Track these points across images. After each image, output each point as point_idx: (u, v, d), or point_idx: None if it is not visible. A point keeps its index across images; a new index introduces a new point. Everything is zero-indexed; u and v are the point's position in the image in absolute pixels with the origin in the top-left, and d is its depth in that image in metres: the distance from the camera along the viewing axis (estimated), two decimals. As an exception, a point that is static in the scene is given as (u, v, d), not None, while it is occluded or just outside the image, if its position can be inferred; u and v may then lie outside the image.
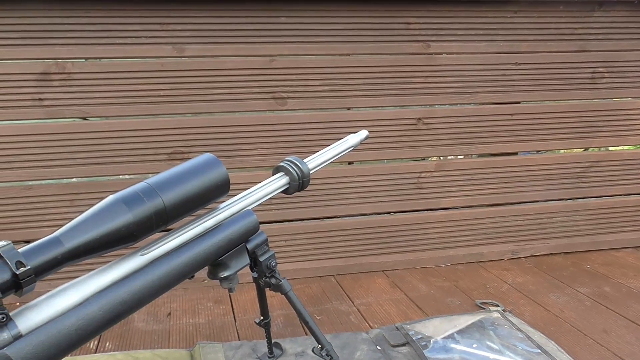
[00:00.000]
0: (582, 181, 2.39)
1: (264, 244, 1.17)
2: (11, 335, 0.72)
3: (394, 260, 2.26)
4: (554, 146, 2.35)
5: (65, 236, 0.79)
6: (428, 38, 2.10)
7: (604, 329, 1.76)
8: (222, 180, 1.02)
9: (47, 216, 1.91)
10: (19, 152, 1.84)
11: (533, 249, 2.40)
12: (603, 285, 2.09)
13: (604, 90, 2.31)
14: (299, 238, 2.16)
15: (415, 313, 1.87)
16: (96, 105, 1.87)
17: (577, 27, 2.22)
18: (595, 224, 2.45)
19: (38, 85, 1.81)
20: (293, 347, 1.59)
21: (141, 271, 0.89)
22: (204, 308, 1.91)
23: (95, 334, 0.82)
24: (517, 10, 2.14)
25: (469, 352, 1.57)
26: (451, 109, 2.20)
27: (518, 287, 2.07)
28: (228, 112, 1.99)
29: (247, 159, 2.03)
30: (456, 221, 2.30)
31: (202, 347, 1.57)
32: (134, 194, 0.88)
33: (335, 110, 2.10)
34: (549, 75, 2.25)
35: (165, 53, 1.90)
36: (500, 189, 2.32)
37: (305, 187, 1.21)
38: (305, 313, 1.23)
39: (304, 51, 2.02)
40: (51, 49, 1.81)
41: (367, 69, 2.08)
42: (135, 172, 1.96)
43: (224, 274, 1.08)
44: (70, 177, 1.92)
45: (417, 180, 2.22)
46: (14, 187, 1.87)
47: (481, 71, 2.18)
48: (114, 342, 1.67)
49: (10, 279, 0.71)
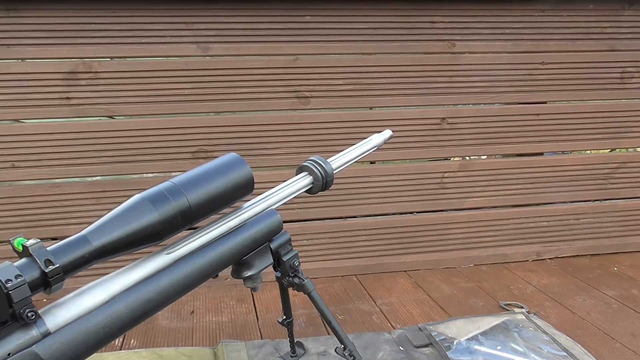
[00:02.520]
0: (610, 182, 2.35)
1: (288, 244, 1.17)
2: (40, 333, 0.73)
3: (417, 261, 2.25)
4: (580, 147, 2.31)
5: (92, 234, 0.80)
6: (453, 37, 2.08)
7: (632, 332, 1.73)
8: (247, 179, 1.02)
9: (73, 214, 1.93)
10: (46, 150, 1.87)
11: (558, 251, 2.37)
12: (631, 288, 2.05)
13: (633, 90, 2.27)
14: (321, 237, 2.15)
15: (438, 314, 1.85)
16: (121, 104, 1.89)
17: (606, 26, 2.18)
18: (623, 226, 2.41)
19: (65, 84, 1.84)
20: (315, 347, 1.59)
21: (166, 270, 0.90)
22: (226, 306, 1.92)
23: (122, 332, 0.83)
24: (545, 9, 2.11)
25: (492, 354, 1.55)
26: (476, 108, 2.18)
27: (543, 289, 2.05)
28: (251, 111, 2.00)
29: (270, 158, 2.04)
30: (480, 222, 2.28)
31: (225, 346, 1.58)
32: (160, 193, 0.88)
33: (358, 109, 2.09)
34: (576, 75, 2.21)
35: (189, 52, 1.91)
36: (525, 190, 2.29)
37: (329, 187, 1.21)
38: (328, 312, 1.23)
39: (328, 50, 2.01)
40: (78, 48, 1.83)
41: (391, 68, 2.06)
42: (160, 171, 1.97)
43: (247, 273, 1.08)
44: (96, 175, 1.94)
45: (441, 180, 2.21)
46: (42, 185, 1.90)
47: (507, 70, 2.15)
48: (139, 339, 1.69)
49: (39, 277, 0.72)
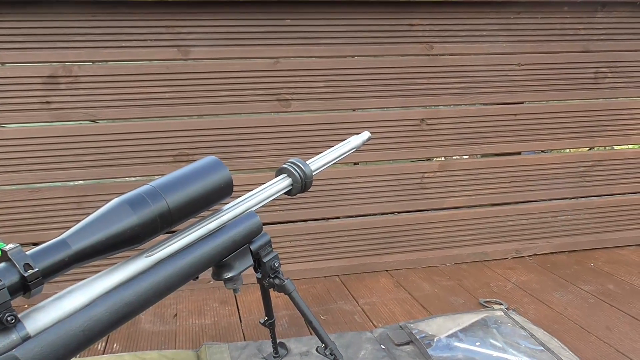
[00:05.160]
0: (586, 180, 2.40)
1: (268, 245, 1.18)
2: (20, 337, 0.74)
3: (398, 260, 2.27)
4: (557, 146, 2.35)
5: (71, 238, 0.80)
6: (431, 39, 2.11)
7: (607, 326, 1.77)
8: (226, 182, 1.03)
9: (54, 218, 1.93)
10: (26, 154, 1.86)
11: (537, 248, 2.41)
12: (607, 283, 2.10)
13: (607, 90, 2.32)
14: (304, 239, 2.17)
15: (419, 312, 1.88)
16: (102, 108, 1.89)
17: (580, 27, 2.22)
18: (599, 223, 2.46)
19: (46, 89, 1.83)
20: (298, 347, 1.60)
21: (146, 272, 0.91)
22: (209, 309, 1.93)
23: (102, 335, 0.83)
24: (521, 11, 2.15)
25: (472, 350, 1.58)
26: (455, 109, 2.21)
27: (522, 286, 2.08)
28: (232, 114, 2.01)
29: (251, 160, 2.05)
30: (460, 221, 2.31)
31: (208, 348, 1.59)
32: (139, 196, 0.89)
33: (339, 111, 2.11)
34: (552, 76, 2.25)
35: (170, 56, 1.91)
36: (504, 189, 2.32)
37: (308, 188, 1.23)
38: (309, 313, 1.25)
39: (308, 53, 2.03)
40: (58, 52, 1.83)
41: (370, 70, 2.09)
42: (141, 175, 1.97)
43: (228, 274, 1.09)
44: (77, 180, 1.94)
45: (421, 180, 2.24)
46: (22, 190, 1.89)
47: (484, 72, 2.19)
48: (122, 343, 1.69)
49: (18, 281, 0.73)
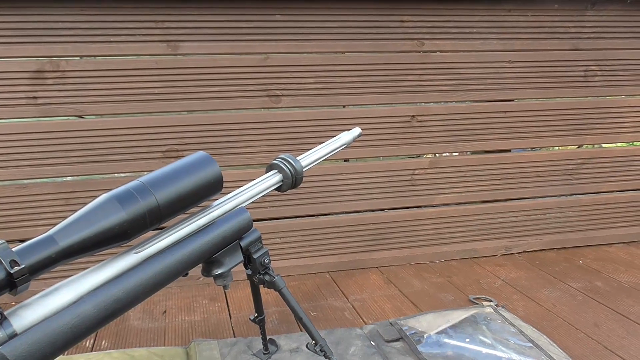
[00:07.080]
0: (575, 178, 2.41)
1: (258, 241, 1.18)
2: (6, 334, 0.73)
3: (388, 257, 2.28)
4: (546, 143, 2.36)
5: (59, 235, 0.79)
6: (422, 36, 2.11)
7: (595, 322, 1.78)
8: (215, 178, 1.03)
9: (42, 215, 1.91)
10: (13, 150, 1.84)
11: (526, 245, 2.42)
12: (595, 280, 2.11)
13: (596, 88, 2.33)
14: (294, 235, 2.17)
15: (409, 309, 1.88)
16: (90, 103, 1.87)
17: (570, 25, 2.23)
18: (587, 220, 2.47)
19: (32, 84, 1.81)
20: (288, 344, 1.60)
21: (135, 269, 0.90)
22: (199, 306, 1.92)
23: (90, 332, 0.82)
24: (511, 9, 2.15)
25: (461, 347, 1.58)
26: (445, 106, 2.21)
27: (511, 283, 2.09)
28: (222, 110, 2.00)
29: (241, 156, 2.04)
30: (450, 218, 2.32)
31: (197, 345, 1.58)
32: (128, 192, 0.88)
33: (329, 107, 2.10)
34: (542, 73, 2.26)
35: (159, 51, 1.90)
36: (494, 186, 2.33)
37: (299, 184, 1.22)
38: (299, 309, 1.25)
39: (299, 49, 2.02)
40: (45, 46, 1.80)
41: (361, 66, 2.08)
42: (130, 170, 1.96)
43: (217, 271, 1.09)
44: (65, 176, 1.92)
45: (411, 177, 2.24)
46: (9, 186, 1.87)
47: (475, 69, 2.19)
48: (110, 340, 1.68)
49: (4, 278, 0.72)
